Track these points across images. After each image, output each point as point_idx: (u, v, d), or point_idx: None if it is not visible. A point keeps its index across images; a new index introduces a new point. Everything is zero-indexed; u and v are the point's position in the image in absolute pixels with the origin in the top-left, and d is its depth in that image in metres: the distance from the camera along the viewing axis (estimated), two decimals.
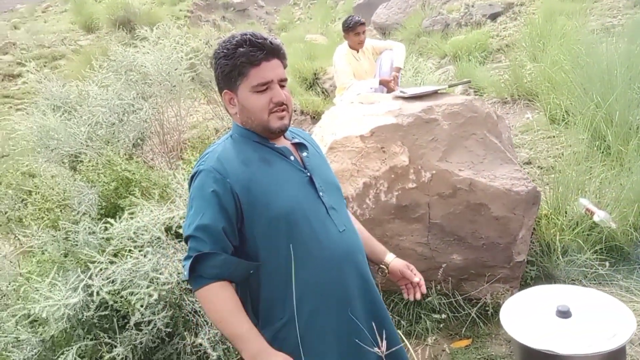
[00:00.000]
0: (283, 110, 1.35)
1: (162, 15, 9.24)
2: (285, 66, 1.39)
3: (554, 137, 4.21)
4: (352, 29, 4.06)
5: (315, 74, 6.61)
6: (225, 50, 1.30)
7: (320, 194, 1.37)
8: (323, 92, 6.31)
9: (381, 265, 1.60)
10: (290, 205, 1.31)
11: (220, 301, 1.27)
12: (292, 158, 1.39)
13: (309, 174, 1.38)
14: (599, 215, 2.60)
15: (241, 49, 1.29)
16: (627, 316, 1.68)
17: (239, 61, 1.29)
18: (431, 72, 6.21)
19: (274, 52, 1.33)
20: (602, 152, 3.15)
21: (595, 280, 2.46)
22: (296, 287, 1.30)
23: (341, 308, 1.35)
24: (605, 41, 4.33)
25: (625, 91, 3.36)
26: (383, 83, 3.98)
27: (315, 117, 5.29)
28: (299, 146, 1.44)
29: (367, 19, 4.30)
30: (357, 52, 4.20)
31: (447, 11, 8.49)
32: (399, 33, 8.62)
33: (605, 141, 3.24)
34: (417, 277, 1.57)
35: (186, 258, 1.29)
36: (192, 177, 1.35)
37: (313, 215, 1.33)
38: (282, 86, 1.36)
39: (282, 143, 1.42)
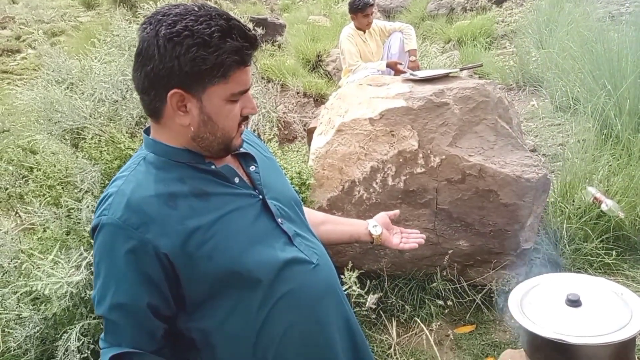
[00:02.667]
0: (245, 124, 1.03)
1: None
2: None
3: (559, 125, 4.18)
4: (362, 10, 3.97)
5: (318, 55, 6.52)
6: (203, 37, 0.89)
7: (279, 220, 1.05)
8: (326, 75, 6.23)
9: (372, 242, 1.39)
10: (240, 254, 0.96)
11: None
12: (236, 180, 1.02)
13: (260, 196, 1.04)
14: (607, 204, 2.59)
15: (231, 42, 0.90)
16: (638, 306, 1.66)
17: (228, 59, 0.90)
18: (436, 57, 6.15)
19: (256, 49, 0.97)
20: (611, 142, 3.12)
21: (601, 270, 2.45)
22: (268, 354, 1.00)
23: None
24: (615, 29, 4.27)
25: (636, 80, 3.32)
26: (391, 65, 3.92)
27: (319, 100, 5.22)
28: (244, 157, 1.09)
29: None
30: (364, 33, 4.13)
31: None
32: (403, 16, 8.51)
33: (613, 130, 3.21)
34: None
35: (103, 340, 0.97)
36: (93, 230, 0.96)
37: (273, 256, 1.00)
38: None
39: (223, 159, 1.05)
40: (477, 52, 6.08)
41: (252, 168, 1.08)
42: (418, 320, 2.37)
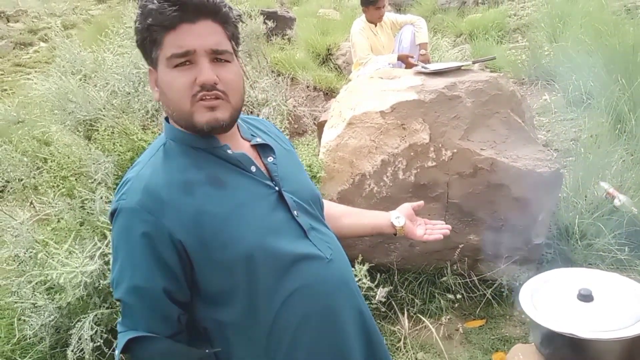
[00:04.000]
0: (216, 98, 0.93)
1: None
2: (230, 35, 0.97)
3: (572, 119, 4.14)
4: (374, 3, 3.94)
5: (328, 49, 6.50)
6: (140, 9, 0.92)
7: (295, 212, 1.02)
8: (336, 68, 6.21)
9: (395, 234, 1.35)
10: (254, 244, 0.95)
11: None
12: (253, 169, 1.01)
13: (277, 188, 1.02)
14: (620, 200, 2.56)
15: (151, 5, 0.89)
16: None
17: (149, 22, 0.90)
18: (447, 51, 6.11)
19: (201, 9, 0.91)
20: (625, 137, 3.09)
21: (613, 265, 2.43)
22: (282, 345, 0.99)
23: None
24: (631, 22, 4.22)
25: None
26: (402, 58, 3.89)
27: (328, 94, 5.22)
28: (262, 148, 1.07)
29: None
30: (375, 26, 4.10)
31: None
32: (414, 9, 8.44)
33: (627, 125, 3.17)
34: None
35: (121, 323, 0.97)
36: (112, 214, 0.96)
37: (287, 248, 0.98)
38: (218, 60, 0.94)
39: (238, 145, 1.03)
40: (489, 46, 6.02)
41: (270, 159, 1.06)
42: (427, 314, 2.37)
